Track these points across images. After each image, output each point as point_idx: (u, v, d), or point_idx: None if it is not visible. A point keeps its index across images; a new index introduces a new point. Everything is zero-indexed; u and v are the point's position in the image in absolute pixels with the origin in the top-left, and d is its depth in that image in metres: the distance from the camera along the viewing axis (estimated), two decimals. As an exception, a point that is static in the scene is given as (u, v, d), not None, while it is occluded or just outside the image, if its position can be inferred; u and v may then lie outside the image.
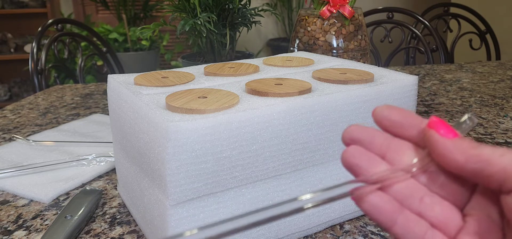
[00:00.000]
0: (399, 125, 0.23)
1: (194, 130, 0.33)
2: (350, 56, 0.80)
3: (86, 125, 0.79)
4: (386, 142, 0.23)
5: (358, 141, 0.24)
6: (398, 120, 0.23)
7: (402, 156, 0.23)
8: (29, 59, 1.22)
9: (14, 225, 0.47)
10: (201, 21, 0.79)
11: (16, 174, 0.57)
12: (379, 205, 0.22)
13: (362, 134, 0.24)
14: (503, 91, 0.98)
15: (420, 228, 0.22)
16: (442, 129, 0.21)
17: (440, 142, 0.21)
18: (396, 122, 0.23)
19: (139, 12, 3.04)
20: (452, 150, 0.21)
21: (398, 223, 0.22)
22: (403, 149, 0.23)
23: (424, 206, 0.22)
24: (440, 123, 0.22)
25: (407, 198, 0.22)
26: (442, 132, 0.21)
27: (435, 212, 0.22)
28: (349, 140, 0.24)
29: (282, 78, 0.46)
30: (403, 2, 3.07)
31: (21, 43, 3.15)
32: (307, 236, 0.44)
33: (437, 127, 0.22)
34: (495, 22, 1.77)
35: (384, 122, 0.23)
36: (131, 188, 0.45)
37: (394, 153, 0.23)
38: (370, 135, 0.24)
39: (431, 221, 0.22)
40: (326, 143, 0.41)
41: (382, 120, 0.24)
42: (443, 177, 0.23)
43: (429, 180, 0.23)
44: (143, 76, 0.48)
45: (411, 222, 0.22)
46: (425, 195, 0.22)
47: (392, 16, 1.47)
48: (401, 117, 0.23)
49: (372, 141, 0.23)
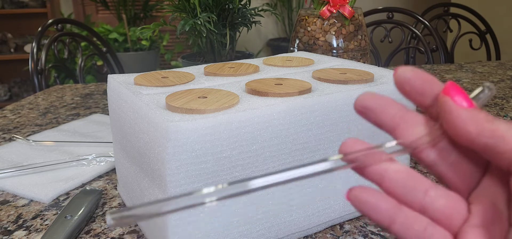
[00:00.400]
0: (420, 91, 0.22)
1: (194, 130, 0.33)
2: (350, 56, 0.80)
3: (86, 125, 0.79)
4: (401, 112, 0.22)
5: (370, 109, 0.22)
6: (419, 86, 0.22)
7: (414, 129, 0.22)
8: (29, 59, 1.22)
9: (14, 225, 0.47)
10: (201, 21, 0.79)
11: (16, 174, 0.57)
12: (376, 204, 0.21)
13: (375, 102, 0.22)
14: (503, 91, 0.98)
15: (419, 225, 0.21)
16: (457, 96, 0.20)
17: (453, 110, 0.20)
18: (417, 88, 0.22)
19: (139, 12, 3.04)
20: (465, 120, 0.20)
21: (397, 221, 0.21)
22: (417, 122, 0.22)
23: (428, 199, 0.21)
24: (456, 89, 0.20)
25: (410, 190, 0.21)
26: (457, 99, 0.20)
27: (439, 205, 0.21)
28: (361, 108, 0.23)
29: (282, 78, 0.46)
30: (403, 2, 3.07)
31: (21, 43, 3.15)
32: (307, 236, 0.44)
33: (452, 93, 0.20)
34: (495, 22, 1.77)
35: (406, 86, 0.22)
36: (131, 188, 0.45)
37: (406, 125, 0.22)
38: (383, 103, 0.22)
39: (435, 215, 0.21)
40: (326, 143, 0.41)
41: (403, 83, 0.22)
42: (455, 154, 0.22)
43: (440, 157, 0.22)
44: (143, 76, 0.48)
45: (410, 219, 0.21)
46: (429, 187, 0.21)
47: (392, 16, 1.47)
48: (423, 83, 0.22)
49: (384, 110, 0.22)
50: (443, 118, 0.21)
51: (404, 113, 0.22)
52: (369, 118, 0.23)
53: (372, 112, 0.23)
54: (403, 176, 0.21)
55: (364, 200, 0.21)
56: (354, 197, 0.22)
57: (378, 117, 0.23)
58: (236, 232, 0.39)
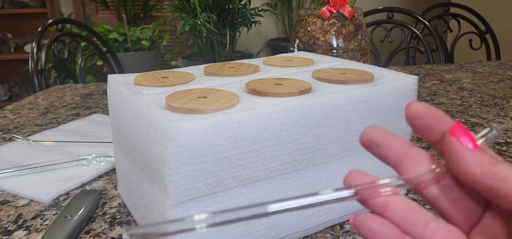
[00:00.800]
0: (429, 129, 0.22)
1: (194, 130, 0.33)
2: (350, 56, 0.80)
3: (86, 125, 0.79)
4: (404, 148, 0.23)
5: (376, 143, 0.23)
6: (429, 124, 0.22)
7: (418, 165, 0.22)
8: (29, 59, 1.22)
9: (14, 225, 0.47)
10: (201, 21, 0.79)
11: (16, 174, 0.57)
12: (380, 231, 0.21)
13: (380, 137, 0.23)
14: (503, 91, 0.98)
15: None
16: (463, 137, 0.21)
17: (459, 151, 0.20)
18: (428, 126, 0.22)
19: (139, 12, 3.04)
20: (470, 161, 0.20)
21: None
22: (421, 158, 0.23)
23: (429, 232, 0.21)
24: (462, 130, 0.21)
25: (411, 222, 0.22)
26: (463, 140, 0.21)
27: (439, 238, 0.21)
28: (367, 142, 0.23)
29: (282, 78, 0.46)
30: (403, 2, 3.07)
31: (21, 43, 3.15)
32: (307, 236, 0.44)
33: (458, 133, 0.21)
34: (495, 22, 1.77)
35: (416, 121, 0.22)
36: (131, 188, 0.45)
37: (410, 161, 0.23)
38: (388, 138, 0.23)
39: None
40: (326, 143, 0.41)
41: (414, 118, 0.22)
42: (457, 191, 0.22)
43: (442, 193, 0.22)
44: (143, 76, 0.48)
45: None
46: (430, 220, 0.22)
47: (392, 16, 1.47)
48: (434, 122, 0.22)
49: (389, 145, 0.23)
50: (448, 158, 0.21)
51: (408, 149, 0.23)
52: (374, 152, 0.24)
53: (377, 146, 0.23)
54: (404, 208, 0.22)
55: (369, 227, 0.22)
56: (359, 223, 0.22)
57: (383, 152, 0.23)
58: (236, 232, 0.39)
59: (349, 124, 0.42)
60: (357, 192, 0.22)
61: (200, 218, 0.20)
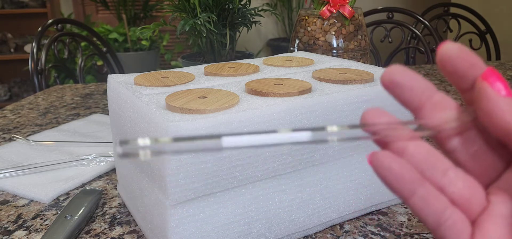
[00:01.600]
0: (461, 75, 0.20)
1: (194, 129, 0.33)
2: (350, 56, 0.80)
3: (86, 125, 0.79)
4: (428, 91, 0.21)
5: (398, 84, 0.21)
6: (462, 70, 0.20)
7: (440, 112, 0.21)
8: (29, 59, 1.22)
9: (14, 225, 0.47)
10: (201, 21, 0.79)
11: (16, 174, 0.57)
12: (399, 172, 0.20)
13: (404, 78, 0.21)
14: (503, 91, 0.98)
15: (440, 204, 0.20)
16: (497, 82, 0.19)
17: (492, 97, 0.19)
18: (460, 72, 0.20)
19: (139, 12, 3.04)
20: (503, 108, 0.18)
21: (417, 194, 0.20)
22: (444, 104, 0.21)
23: (447, 180, 0.20)
24: (495, 75, 0.19)
25: (429, 168, 0.20)
26: (497, 86, 0.19)
27: (458, 188, 0.20)
28: (389, 82, 0.21)
29: (282, 78, 0.46)
30: (403, 2, 3.07)
31: (21, 43, 3.15)
32: (307, 236, 0.44)
33: (491, 79, 0.19)
34: (495, 22, 1.77)
35: (448, 65, 0.20)
36: (131, 188, 0.45)
37: (433, 106, 0.21)
38: (412, 79, 0.21)
39: (453, 197, 0.20)
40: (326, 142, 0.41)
41: (446, 61, 0.20)
42: (478, 144, 0.21)
43: (462, 145, 0.21)
44: (143, 76, 0.48)
45: (431, 196, 0.20)
46: (449, 168, 0.21)
47: (392, 16, 1.47)
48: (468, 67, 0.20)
49: (412, 87, 0.21)
50: (479, 104, 0.19)
51: (432, 93, 0.21)
52: (395, 94, 0.21)
53: (399, 87, 0.21)
54: (423, 152, 0.21)
55: (387, 166, 0.20)
56: (377, 161, 0.20)
57: (404, 94, 0.21)
58: (236, 232, 0.39)
59: (349, 124, 0.42)
60: (375, 131, 0.20)
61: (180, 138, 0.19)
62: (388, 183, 0.20)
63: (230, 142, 0.19)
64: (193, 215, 0.36)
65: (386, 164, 0.20)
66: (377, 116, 0.21)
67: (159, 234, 0.38)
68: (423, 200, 0.20)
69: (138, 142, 0.18)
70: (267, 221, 0.40)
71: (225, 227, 0.38)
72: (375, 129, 0.20)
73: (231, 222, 0.38)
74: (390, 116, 0.21)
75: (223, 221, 0.38)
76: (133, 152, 0.18)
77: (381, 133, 0.20)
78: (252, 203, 0.39)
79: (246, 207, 0.39)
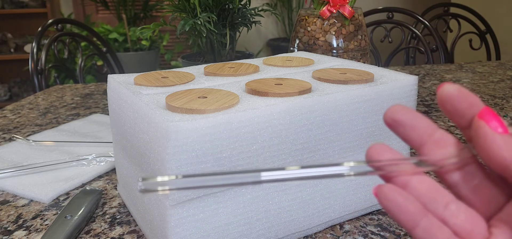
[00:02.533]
0: (461, 114, 0.21)
1: (194, 130, 0.33)
2: (350, 56, 0.80)
3: (86, 125, 0.79)
4: (429, 130, 0.22)
5: (400, 123, 0.22)
6: (462, 109, 0.21)
7: (442, 149, 0.22)
8: (29, 59, 1.22)
9: (14, 225, 0.47)
10: (201, 21, 0.79)
11: (16, 174, 0.57)
12: (403, 205, 0.21)
13: (405, 117, 0.22)
14: (503, 91, 0.98)
15: (442, 235, 0.21)
16: (493, 121, 0.20)
17: (488, 135, 0.20)
18: (460, 111, 0.21)
19: (139, 12, 3.04)
20: (500, 145, 0.19)
21: (420, 226, 0.21)
22: (445, 141, 0.22)
23: (448, 213, 0.21)
24: (491, 114, 0.20)
25: (431, 202, 0.21)
26: (493, 124, 0.20)
27: (459, 220, 0.21)
28: (391, 121, 0.22)
29: (282, 78, 0.46)
30: (403, 2, 3.07)
31: (21, 43, 3.15)
32: (307, 236, 0.44)
33: (487, 118, 0.20)
34: (495, 22, 1.77)
35: (448, 105, 0.21)
36: (131, 188, 0.45)
37: (434, 144, 0.22)
38: (413, 118, 0.22)
39: (455, 229, 0.21)
40: (326, 143, 0.41)
41: (446, 102, 0.21)
42: (479, 178, 0.22)
43: (463, 179, 0.22)
44: (143, 76, 0.48)
45: (434, 227, 0.21)
46: (450, 201, 0.21)
47: (392, 16, 1.47)
48: (467, 107, 0.21)
49: (414, 125, 0.22)
50: (477, 142, 0.20)
51: (433, 131, 0.22)
52: (397, 132, 0.23)
53: (401, 126, 0.22)
54: (426, 185, 0.22)
55: (392, 198, 0.21)
56: (382, 194, 0.21)
57: (406, 132, 0.22)
58: (236, 232, 0.39)
59: (349, 124, 0.42)
60: (379, 167, 0.21)
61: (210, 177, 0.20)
62: (393, 214, 0.21)
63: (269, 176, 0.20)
64: (193, 215, 0.36)
65: (391, 196, 0.21)
66: (381, 152, 0.22)
67: (159, 234, 0.38)
68: (426, 231, 0.21)
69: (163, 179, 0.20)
70: (267, 221, 0.40)
71: (225, 227, 0.38)
72: (379, 165, 0.21)
73: (231, 222, 0.38)
74: (394, 152, 0.22)
75: (223, 221, 0.38)
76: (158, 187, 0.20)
77: (386, 169, 0.22)
78: (252, 203, 0.39)
79: (246, 207, 0.39)
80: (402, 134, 0.23)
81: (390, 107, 0.22)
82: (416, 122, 0.22)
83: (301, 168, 0.21)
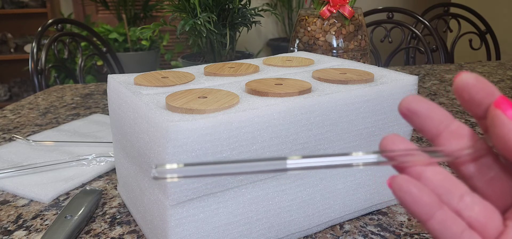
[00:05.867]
0: (478, 103, 0.21)
1: (194, 130, 0.33)
2: (350, 56, 0.80)
3: (86, 125, 0.79)
4: (446, 121, 0.22)
5: (416, 113, 0.22)
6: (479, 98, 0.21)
7: (457, 140, 0.21)
8: (29, 59, 1.22)
9: (14, 225, 0.47)
10: (201, 21, 0.79)
11: (16, 174, 0.57)
12: (418, 196, 0.20)
13: (421, 107, 0.22)
14: (503, 91, 0.98)
15: (458, 227, 0.21)
16: (510, 109, 0.20)
17: (505, 123, 0.19)
18: (476, 100, 0.21)
19: (139, 12, 3.04)
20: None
21: (435, 218, 0.21)
22: (461, 133, 0.22)
23: (463, 205, 0.21)
24: (508, 103, 0.20)
25: (446, 193, 0.21)
26: (510, 113, 0.20)
27: (474, 212, 0.21)
28: (406, 110, 0.22)
29: (282, 78, 0.46)
30: (403, 2, 3.07)
31: (21, 43, 3.15)
32: (307, 236, 0.44)
33: (504, 106, 0.20)
34: (495, 22, 1.77)
35: (465, 94, 0.21)
36: (131, 188, 0.45)
37: (450, 135, 0.22)
38: (429, 109, 0.22)
39: (469, 221, 0.21)
40: (326, 143, 0.41)
41: (463, 90, 0.21)
42: (495, 171, 0.21)
43: (478, 171, 0.22)
44: (143, 76, 0.48)
45: (449, 219, 0.21)
46: (465, 193, 0.21)
47: (392, 16, 1.47)
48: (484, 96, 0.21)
49: (430, 115, 0.22)
50: (493, 131, 0.20)
51: (449, 122, 0.22)
52: (413, 122, 0.22)
53: (417, 116, 0.22)
54: (440, 177, 0.21)
55: (406, 189, 0.21)
56: (397, 185, 0.21)
57: (422, 123, 0.22)
58: (236, 232, 0.39)
59: (349, 124, 0.42)
60: (393, 157, 0.21)
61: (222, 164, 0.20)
62: (407, 205, 0.21)
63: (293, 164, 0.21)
64: (193, 215, 0.36)
65: (405, 187, 0.21)
66: (395, 142, 0.22)
67: (159, 234, 0.38)
68: (441, 223, 0.21)
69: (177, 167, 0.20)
70: (267, 221, 0.40)
71: (225, 227, 0.38)
72: (393, 155, 0.21)
73: (231, 222, 0.38)
74: (408, 142, 0.22)
75: (223, 221, 0.38)
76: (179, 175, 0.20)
77: (399, 159, 0.21)
78: (252, 203, 0.39)
79: (246, 207, 0.39)
80: (418, 124, 0.22)
81: (404, 98, 0.22)
82: (432, 112, 0.22)
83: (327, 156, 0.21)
